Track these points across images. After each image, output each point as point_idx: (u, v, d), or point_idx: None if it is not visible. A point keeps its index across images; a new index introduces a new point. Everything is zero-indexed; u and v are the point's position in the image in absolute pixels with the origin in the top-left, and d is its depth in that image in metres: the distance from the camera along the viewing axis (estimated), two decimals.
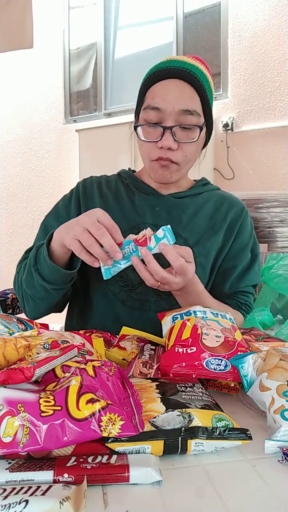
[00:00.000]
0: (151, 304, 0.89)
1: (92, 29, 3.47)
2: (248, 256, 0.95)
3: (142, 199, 0.95)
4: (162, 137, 0.82)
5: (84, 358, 0.55)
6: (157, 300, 0.89)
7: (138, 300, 0.89)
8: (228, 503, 0.36)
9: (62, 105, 3.60)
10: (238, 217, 0.95)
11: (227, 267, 0.93)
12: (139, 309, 0.89)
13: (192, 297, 0.80)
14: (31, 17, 2.31)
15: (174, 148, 0.83)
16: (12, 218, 3.85)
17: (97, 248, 0.67)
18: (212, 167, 2.84)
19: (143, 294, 0.89)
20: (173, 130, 0.82)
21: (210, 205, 0.96)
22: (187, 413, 0.43)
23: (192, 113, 0.82)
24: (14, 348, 0.50)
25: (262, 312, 1.36)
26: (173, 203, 0.94)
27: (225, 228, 0.94)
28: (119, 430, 0.39)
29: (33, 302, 0.86)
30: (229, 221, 0.94)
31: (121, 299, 0.90)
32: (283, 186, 2.66)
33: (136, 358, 0.62)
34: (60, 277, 0.78)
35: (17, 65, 3.72)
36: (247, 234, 0.96)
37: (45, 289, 0.80)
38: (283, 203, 2.04)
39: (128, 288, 0.89)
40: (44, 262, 0.77)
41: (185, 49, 3.05)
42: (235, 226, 0.95)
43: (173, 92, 0.81)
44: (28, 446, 0.37)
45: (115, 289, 0.90)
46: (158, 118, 0.83)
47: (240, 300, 0.95)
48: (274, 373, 0.49)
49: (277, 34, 2.68)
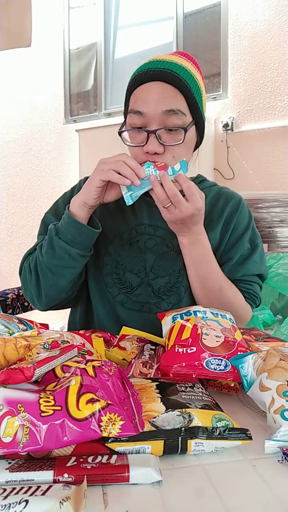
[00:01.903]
0: (151, 305, 0.89)
1: (92, 29, 3.47)
2: (245, 246, 0.93)
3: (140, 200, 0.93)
4: (147, 142, 0.80)
5: (84, 358, 0.55)
6: (158, 302, 0.88)
7: (138, 302, 0.89)
8: (228, 503, 0.36)
9: (62, 105, 3.60)
10: (235, 211, 0.94)
11: (223, 260, 0.92)
12: (139, 311, 0.89)
13: (199, 251, 0.83)
14: (30, 16, 2.31)
15: (159, 152, 0.81)
16: (12, 218, 3.84)
17: (126, 168, 0.75)
18: (212, 167, 2.84)
19: (143, 296, 0.89)
20: (157, 133, 0.80)
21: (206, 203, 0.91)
22: (187, 413, 0.43)
23: (176, 112, 0.80)
24: (14, 348, 0.50)
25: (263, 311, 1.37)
26: None
27: (221, 224, 0.93)
28: (119, 430, 0.39)
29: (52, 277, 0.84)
30: (225, 217, 0.93)
31: (121, 301, 0.90)
32: (283, 186, 2.66)
33: (136, 358, 0.62)
34: (86, 238, 0.81)
35: (17, 65, 3.72)
36: (243, 226, 0.94)
37: (69, 255, 0.81)
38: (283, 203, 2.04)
39: (127, 290, 0.89)
40: (68, 225, 0.81)
41: (185, 49, 3.04)
42: (232, 221, 0.93)
43: (155, 95, 0.80)
44: (28, 446, 0.37)
45: (114, 291, 0.90)
46: (142, 122, 0.81)
47: (241, 288, 0.91)
48: (274, 373, 0.49)
49: (277, 34, 2.68)
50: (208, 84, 2.97)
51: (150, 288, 0.88)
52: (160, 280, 0.89)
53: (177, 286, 0.88)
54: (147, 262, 0.89)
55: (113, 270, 0.90)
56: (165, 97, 0.80)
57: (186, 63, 0.84)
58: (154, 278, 0.89)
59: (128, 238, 0.92)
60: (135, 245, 0.91)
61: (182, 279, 0.88)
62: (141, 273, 0.89)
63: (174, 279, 0.89)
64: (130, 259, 0.90)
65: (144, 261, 0.90)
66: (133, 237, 0.91)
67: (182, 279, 0.88)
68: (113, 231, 0.93)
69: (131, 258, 0.90)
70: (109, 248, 0.92)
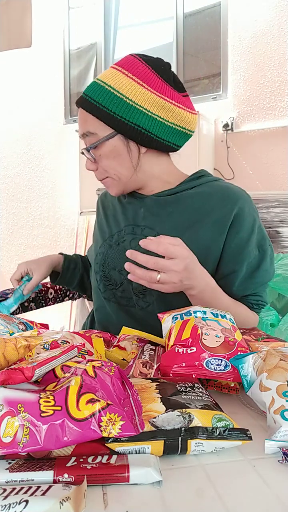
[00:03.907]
0: (134, 302, 0.93)
1: (92, 29, 3.47)
2: (252, 254, 0.88)
3: (130, 201, 0.99)
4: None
5: (84, 358, 0.55)
6: (137, 299, 0.92)
7: (123, 298, 0.94)
8: (228, 503, 0.36)
9: (62, 105, 3.60)
10: (228, 212, 0.87)
11: (227, 272, 0.88)
12: (126, 305, 0.94)
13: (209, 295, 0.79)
14: (30, 16, 2.32)
15: (92, 168, 0.92)
16: (12, 218, 3.84)
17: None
18: (212, 167, 2.84)
19: (127, 292, 0.93)
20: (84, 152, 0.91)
21: (196, 200, 0.90)
22: (187, 413, 0.43)
23: (87, 134, 0.89)
24: (14, 348, 0.50)
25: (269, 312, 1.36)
26: (155, 202, 0.94)
27: (210, 224, 0.87)
28: (119, 430, 0.39)
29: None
30: (215, 216, 0.87)
31: (108, 297, 0.96)
32: (283, 186, 2.66)
33: (136, 358, 0.62)
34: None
35: (17, 65, 3.72)
36: (245, 233, 0.87)
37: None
38: (283, 203, 2.04)
39: (112, 287, 0.95)
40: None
41: (185, 49, 3.04)
42: (225, 223, 0.87)
43: (78, 120, 0.92)
44: (28, 446, 0.37)
45: (102, 287, 0.97)
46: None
47: (251, 301, 0.90)
48: (274, 373, 0.49)
49: (277, 34, 2.68)
50: (208, 84, 2.97)
51: (130, 286, 0.92)
52: None
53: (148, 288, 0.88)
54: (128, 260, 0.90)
55: (100, 268, 0.97)
56: (80, 122, 0.91)
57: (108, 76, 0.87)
58: None
59: (117, 238, 0.97)
60: (122, 244, 0.95)
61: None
62: (123, 271, 0.90)
63: None
64: (115, 257, 0.95)
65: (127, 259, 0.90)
66: (121, 237, 0.96)
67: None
68: (107, 233, 1.00)
69: (115, 257, 0.95)
70: (101, 249, 0.99)
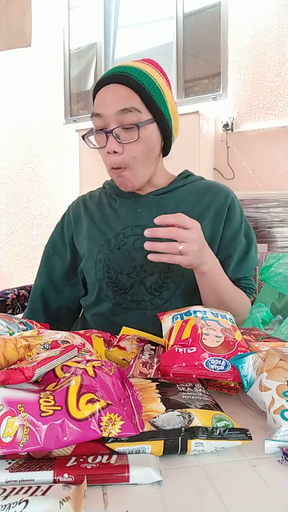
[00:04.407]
0: (147, 302, 0.90)
1: (92, 29, 3.47)
2: (242, 241, 0.94)
3: (123, 204, 0.97)
4: (107, 142, 0.84)
5: (84, 358, 0.55)
6: (151, 298, 0.90)
7: (133, 301, 0.91)
8: (228, 503, 0.36)
9: (62, 105, 3.60)
10: (223, 204, 0.93)
11: (223, 257, 0.92)
12: (136, 309, 0.90)
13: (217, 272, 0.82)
14: (30, 16, 2.32)
15: (118, 151, 0.83)
16: (12, 218, 3.84)
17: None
18: (212, 167, 2.84)
19: (137, 295, 0.90)
20: (115, 133, 0.82)
21: (192, 197, 0.95)
22: (187, 413, 0.43)
23: (130, 110, 0.82)
24: (14, 348, 0.50)
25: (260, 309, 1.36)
26: (153, 201, 0.94)
27: (210, 217, 0.92)
28: (119, 430, 0.39)
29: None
30: (213, 210, 0.93)
31: (117, 302, 0.91)
32: (283, 186, 2.66)
33: (136, 358, 0.62)
34: None
35: (17, 65, 3.72)
36: (237, 221, 0.94)
37: None
38: (283, 203, 2.04)
39: (121, 292, 0.91)
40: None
41: (185, 49, 3.04)
42: (222, 214, 0.93)
43: (109, 96, 0.84)
44: (28, 446, 0.37)
45: (110, 294, 0.92)
46: (103, 123, 0.85)
47: (242, 285, 0.95)
48: (274, 373, 0.49)
49: (277, 34, 2.68)
50: (208, 84, 2.97)
51: (143, 286, 0.90)
52: (151, 278, 0.90)
53: (167, 282, 0.90)
54: (137, 261, 0.91)
55: (105, 275, 0.92)
56: (118, 97, 0.83)
57: (144, 66, 0.87)
58: (145, 276, 0.90)
59: (115, 242, 0.94)
60: (123, 247, 0.92)
61: (171, 274, 0.90)
62: (132, 273, 0.91)
63: (164, 275, 0.90)
64: (120, 261, 0.92)
65: (134, 261, 0.91)
66: (120, 240, 0.93)
67: (171, 274, 0.90)
68: (101, 240, 0.95)
69: (120, 261, 0.92)
70: (99, 256, 0.94)
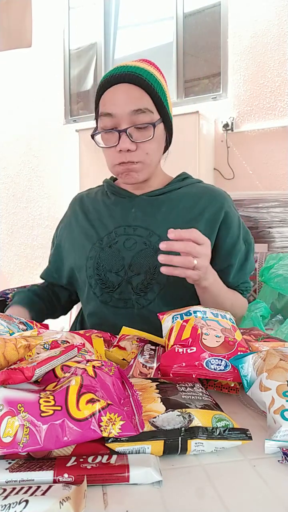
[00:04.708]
0: (133, 302, 0.91)
1: (92, 29, 3.46)
2: (242, 248, 0.95)
3: (118, 203, 0.98)
4: (119, 141, 0.84)
5: (84, 358, 0.55)
6: (137, 298, 0.91)
7: (121, 300, 0.92)
8: (228, 503, 0.36)
9: (62, 105, 3.60)
10: (218, 210, 0.93)
11: (224, 266, 0.93)
12: (124, 308, 0.92)
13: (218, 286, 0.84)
14: (30, 16, 2.32)
15: (132, 149, 0.85)
16: (12, 218, 3.84)
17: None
18: (212, 167, 2.84)
19: (125, 293, 0.91)
20: (128, 132, 0.84)
21: (187, 201, 0.95)
22: (187, 413, 0.43)
23: (143, 111, 0.84)
24: (14, 348, 0.50)
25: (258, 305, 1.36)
26: (147, 202, 0.95)
27: (203, 222, 0.92)
28: (119, 430, 0.39)
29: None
30: (207, 215, 0.93)
31: (105, 300, 0.93)
32: (283, 186, 2.66)
33: (136, 358, 0.62)
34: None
35: (17, 65, 3.72)
36: (235, 228, 0.94)
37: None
38: (283, 203, 2.04)
39: (109, 290, 0.92)
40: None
41: (185, 49, 3.04)
42: (216, 221, 0.93)
43: (122, 96, 0.84)
44: (28, 446, 0.37)
45: (97, 291, 0.93)
46: (113, 123, 0.86)
47: (241, 288, 0.98)
48: (274, 373, 0.49)
49: (277, 34, 2.68)
50: (208, 84, 2.97)
51: (130, 286, 0.91)
52: (137, 277, 0.91)
53: (152, 283, 0.90)
54: (125, 260, 0.92)
55: (95, 272, 0.94)
56: (131, 97, 0.84)
57: (148, 67, 0.89)
58: (132, 276, 0.91)
59: (107, 241, 0.95)
60: (114, 246, 0.93)
61: (157, 276, 0.90)
62: (120, 272, 0.92)
63: (149, 276, 0.90)
64: (109, 260, 0.93)
65: (123, 260, 0.92)
66: (112, 239, 0.94)
67: (157, 276, 0.90)
68: (94, 238, 0.97)
69: (110, 259, 0.93)
70: (91, 253, 0.96)
